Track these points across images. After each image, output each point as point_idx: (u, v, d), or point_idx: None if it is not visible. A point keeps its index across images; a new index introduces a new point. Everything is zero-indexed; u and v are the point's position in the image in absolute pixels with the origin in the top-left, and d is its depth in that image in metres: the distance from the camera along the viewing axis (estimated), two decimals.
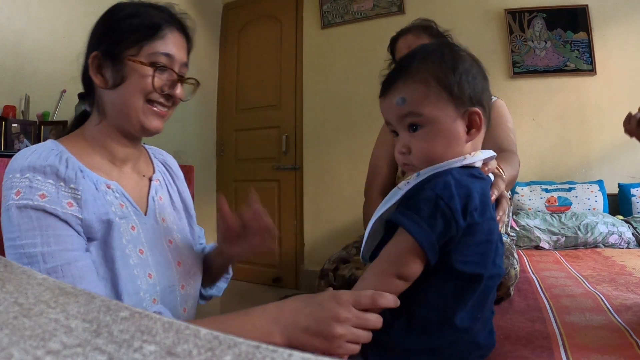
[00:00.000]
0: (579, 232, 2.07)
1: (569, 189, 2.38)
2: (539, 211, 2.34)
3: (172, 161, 0.95)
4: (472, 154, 0.65)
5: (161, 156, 0.93)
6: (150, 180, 0.83)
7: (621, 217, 2.24)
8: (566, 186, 2.40)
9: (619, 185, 2.36)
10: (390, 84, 0.66)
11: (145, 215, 0.77)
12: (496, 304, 1.16)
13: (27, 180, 0.62)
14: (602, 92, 2.49)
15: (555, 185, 2.42)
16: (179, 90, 0.76)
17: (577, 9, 2.51)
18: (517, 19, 2.61)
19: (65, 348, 0.18)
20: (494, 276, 0.65)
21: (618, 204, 2.36)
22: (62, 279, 0.60)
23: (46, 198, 0.62)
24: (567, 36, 2.53)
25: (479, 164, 0.67)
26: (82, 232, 0.65)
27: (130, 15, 0.73)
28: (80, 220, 0.64)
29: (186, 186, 0.95)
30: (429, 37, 1.33)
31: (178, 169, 0.95)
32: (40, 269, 0.60)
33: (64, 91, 2.10)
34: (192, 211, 0.94)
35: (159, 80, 0.72)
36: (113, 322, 0.21)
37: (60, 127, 1.93)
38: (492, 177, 0.73)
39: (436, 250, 0.59)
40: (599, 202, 2.31)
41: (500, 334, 0.94)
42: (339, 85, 3.04)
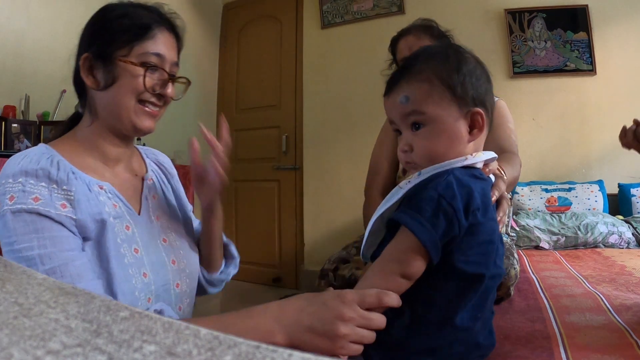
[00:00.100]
0: (579, 232, 2.07)
1: (569, 189, 2.38)
2: (539, 211, 2.34)
3: (165, 159, 0.95)
4: (474, 154, 0.65)
5: (153, 155, 0.93)
6: (142, 180, 0.83)
7: (621, 217, 2.24)
8: (566, 186, 2.40)
9: (619, 185, 2.37)
10: (394, 83, 0.67)
11: (139, 214, 0.77)
12: (496, 304, 1.16)
13: (19, 184, 0.62)
14: (602, 92, 2.49)
15: (555, 185, 2.42)
16: (170, 89, 0.77)
17: (577, 9, 2.51)
18: (517, 19, 2.61)
19: (65, 348, 0.18)
20: (495, 276, 0.65)
21: (618, 204, 2.36)
22: (61, 279, 0.60)
23: (40, 201, 0.62)
24: (567, 36, 2.53)
25: (480, 164, 0.67)
26: (77, 232, 0.66)
27: (119, 16, 0.73)
28: (75, 221, 0.65)
29: (180, 183, 0.95)
30: (430, 38, 1.33)
31: (171, 167, 0.95)
32: (39, 271, 0.60)
33: (64, 91, 2.10)
34: (188, 206, 0.94)
35: (150, 80, 0.73)
36: (113, 322, 0.21)
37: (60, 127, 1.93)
38: (493, 178, 0.73)
39: (439, 250, 0.59)
40: (599, 202, 2.31)
41: (500, 334, 0.94)
42: (339, 85, 3.04)
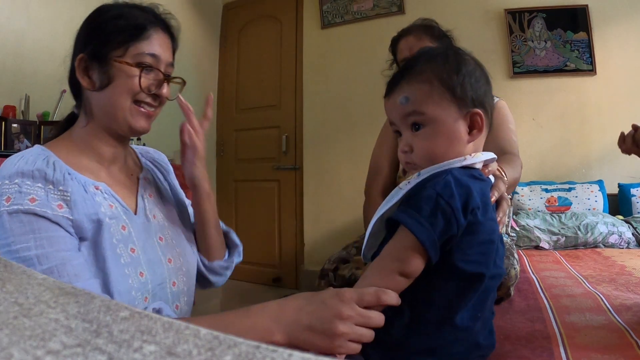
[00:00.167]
0: (579, 232, 2.07)
1: (569, 189, 2.38)
2: (539, 211, 2.34)
3: (160, 157, 0.95)
4: (473, 154, 0.65)
5: (148, 154, 0.93)
6: (138, 179, 0.83)
7: (621, 217, 2.24)
8: (566, 186, 2.40)
9: (619, 185, 2.37)
10: (394, 84, 0.68)
11: (135, 214, 0.77)
12: (496, 304, 1.16)
13: (16, 185, 0.63)
14: (602, 92, 2.49)
15: (555, 185, 2.42)
16: (166, 89, 0.77)
17: (577, 9, 2.51)
18: (517, 19, 2.61)
19: (65, 348, 0.18)
20: (495, 276, 0.66)
21: (618, 204, 2.36)
22: (58, 279, 0.60)
23: (36, 202, 0.63)
24: (567, 36, 2.53)
25: (480, 165, 0.67)
26: (73, 232, 0.66)
27: (115, 16, 0.73)
28: (71, 221, 0.65)
29: (176, 180, 0.95)
30: (431, 38, 1.33)
31: (167, 164, 0.96)
32: (37, 271, 0.60)
33: (64, 91, 2.10)
34: (186, 202, 0.94)
35: (146, 81, 0.74)
36: (113, 322, 0.21)
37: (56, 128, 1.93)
38: (493, 178, 0.73)
39: (437, 248, 0.59)
40: (599, 202, 2.31)
41: (500, 334, 0.94)
42: (339, 85, 3.04)
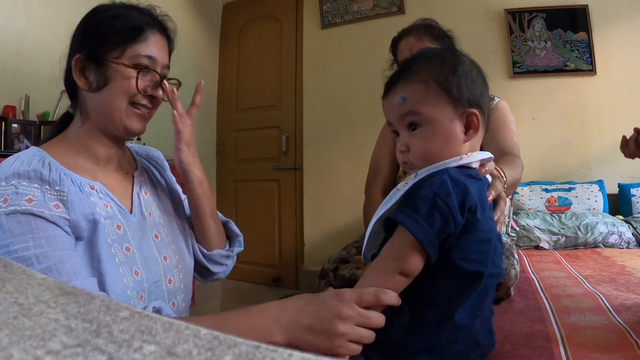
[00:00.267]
0: (579, 232, 2.07)
1: (569, 189, 2.38)
2: (539, 211, 2.34)
3: (155, 153, 0.95)
4: (469, 154, 0.66)
5: (144, 152, 0.93)
6: (133, 178, 0.83)
7: (621, 217, 2.24)
8: (566, 186, 2.40)
9: (619, 185, 2.36)
10: (392, 85, 0.69)
11: (130, 213, 0.77)
12: (496, 304, 1.16)
13: (12, 187, 0.63)
14: (602, 92, 2.49)
15: (555, 185, 2.42)
16: (162, 91, 0.77)
17: (577, 9, 2.51)
18: (517, 19, 2.61)
19: (65, 348, 0.18)
20: (494, 275, 0.66)
21: (618, 204, 2.36)
22: (57, 278, 0.61)
23: (33, 202, 0.63)
24: (567, 36, 2.53)
25: (476, 164, 0.68)
26: (70, 232, 0.66)
27: (112, 17, 0.73)
28: (68, 221, 0.66)
29: (172, 176, 0.95)
30: (431, 39, 1.33)
31: (163, 160, 0.96)
32: (36, 270, 0.60)
33: (63, 91, 2.09)
34: (181, 197, 0.94)
35: (142, 82, 0.74)
36: (113, 322, 0.21)
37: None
38: (490, 178, 0.74)
39: (436, 247, 0.60)
40: (599, 202, 2.31)
41: (500, 334, 0.94)
42: (339, 85, 3.03)
